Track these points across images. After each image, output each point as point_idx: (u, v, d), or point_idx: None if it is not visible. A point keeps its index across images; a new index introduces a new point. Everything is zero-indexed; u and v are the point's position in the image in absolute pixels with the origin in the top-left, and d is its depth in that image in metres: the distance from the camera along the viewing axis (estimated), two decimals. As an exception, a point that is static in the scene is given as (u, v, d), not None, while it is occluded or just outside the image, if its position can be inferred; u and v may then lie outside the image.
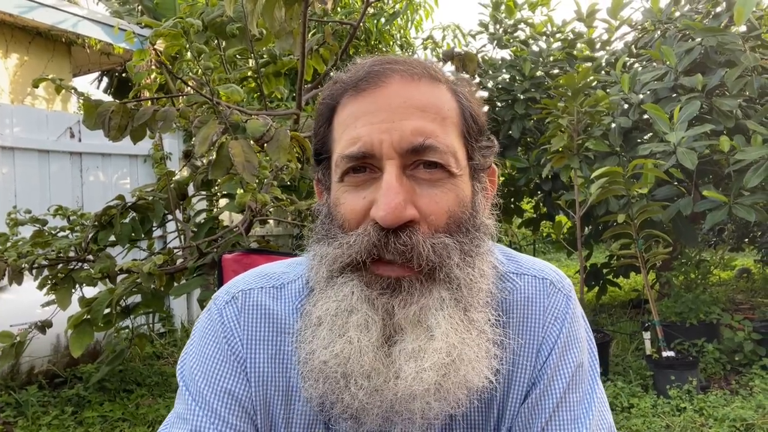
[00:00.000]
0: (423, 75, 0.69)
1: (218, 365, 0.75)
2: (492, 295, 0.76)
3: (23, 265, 2.56)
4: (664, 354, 3.54)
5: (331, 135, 0.72)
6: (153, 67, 2.65)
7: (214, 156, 1.99)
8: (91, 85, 8.48)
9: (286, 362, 0.75)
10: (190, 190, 3.18)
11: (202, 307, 2.56)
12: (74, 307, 2.71)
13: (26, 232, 2.98)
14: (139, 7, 7.30)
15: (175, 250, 2.79)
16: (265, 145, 1.97)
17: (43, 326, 2.89)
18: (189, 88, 2.54)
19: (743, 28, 4.02)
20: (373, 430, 0.69)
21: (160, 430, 0.76)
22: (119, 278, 2.71)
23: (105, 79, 8.25)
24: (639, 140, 4.40)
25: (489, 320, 0.70)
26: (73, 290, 2.76)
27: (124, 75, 7.58)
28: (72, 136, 4.59)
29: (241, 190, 2.86)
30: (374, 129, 0.66)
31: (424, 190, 0.66)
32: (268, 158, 2.46)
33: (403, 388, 0.63)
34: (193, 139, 2.05)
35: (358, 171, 0.68)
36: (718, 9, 4.42)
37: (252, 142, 2.05)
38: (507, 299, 0.78)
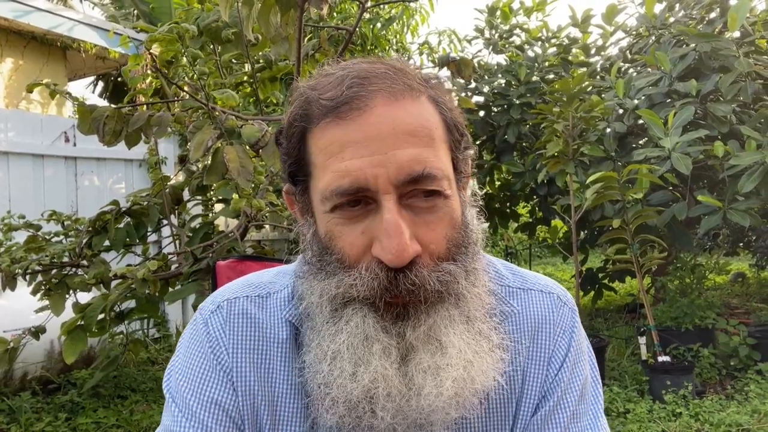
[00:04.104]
0: (405, 90, 0.66)
1: (204, 375, 0.74)
2: (495, 308, 0.78)
3: (17, 271, 2.55)
4: (660, 359, 3.54)
5: (308, 158, 0.68)
6: (148, 71, 2.65)
7: (209, 161, 1.98)
8: (87, 90, 8.48)
9: (272, 372, 0.75)
10: (185, 195, 3.17)
11: (197, 312, 2.54)
12: (68, 313, 2.69)
13: (20, 237, 2.96)
14: (135, 12, 7.30)
15: (170, 256, 2.78)
16: (261, 150, 1.97)
17: (37, 332, 2.87)
18: (184, 92, 2.54)
19: (737, 34, 4.04)
20: None
21: None
22: (113, 284, 2.70)
23: (100, 84, 8.24)
24: (634, 145, 4.42)
25: (493, 327, 0.72)
26: (67, 296, 2.74)
27: (119, 79, 7.57)
28: (67, 140, 4.58)
29: (236, 196, 2.85)
30: (365, 162, 0.63)
31: (421, 218, 0.65)
32: (263, 163, 2.45)
33: (425, 405, 0.65)
34: (188, 144, 2.04)
35: (352, 204, 0.65)
36: (712, 15, 4.45)
37: (247, 147, 2.05)
38: (516, 314, 0.80)
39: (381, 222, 0.63)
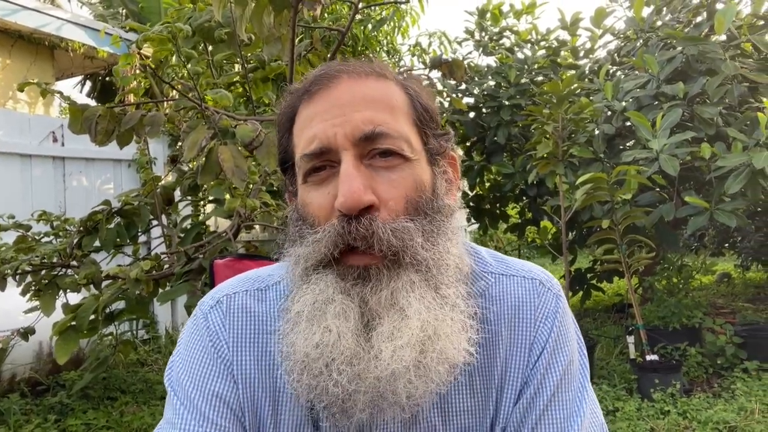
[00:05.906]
0: (370, 73, 0.72)
1: (205, 368, 0.76)
2: (472, 286, 0.78)
3: (7, 271, 2.52)
4: (648, 358, 3.58)
5: (292, 142, 0.75)
6: (138, 71, 2.63)
7: (203, 161, 1.98)
8: (74, 89, 8.39)
9: (272, 363, 0.76)
10: (176, 195, 3.15)
11: (189, 313, 2.54)
12: (57, 314, 2.67)
13: (8, 237, 2.93)
14: (123, 11, 7.25)
15: (162, 256, 2.77)
16: (255, 150, 1.97)
17: (26, 333, 2.85)
18: (175, 92, 2.53)
19: (723, 38, 4.10)
20: (363, 422, 0.70)
21: None
22: (104, 284, 2.68)
23: (88, 83, 8.16)
24: (622, 147, 4.46)
25: (461, 294, 0.71)
26: (56, 297, 2.72)
27: (107, 79, 7.51)
28: (55, 140, 4.54)
29: (228, 196, 2.85)
30: (327, 125, 0.68)
31: (381, 176, 0.68)
32: (256, 163, 2.45)
33: (382, 367, 0.64)
34: (182, 143, 2.04)
35: (320, 169, 0.69)
36: (699, 18, 4.51)
37: (241, 147, 2.05)
38: (497, 300, 0.79)
39: (340, 175, 0.67)
